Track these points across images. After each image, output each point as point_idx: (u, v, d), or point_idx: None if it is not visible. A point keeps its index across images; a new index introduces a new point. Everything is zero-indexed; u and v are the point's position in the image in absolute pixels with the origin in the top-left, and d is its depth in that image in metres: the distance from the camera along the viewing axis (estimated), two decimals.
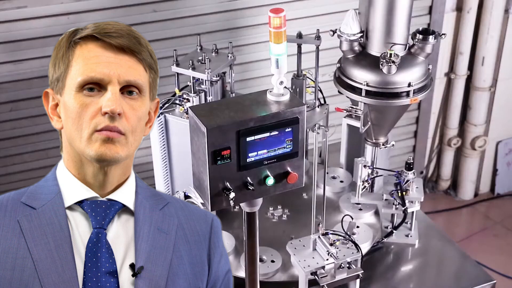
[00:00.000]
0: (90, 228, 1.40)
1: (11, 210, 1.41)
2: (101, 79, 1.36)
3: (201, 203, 2.36)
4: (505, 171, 4.66)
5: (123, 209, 1.45)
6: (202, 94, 2.42)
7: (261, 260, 2.31)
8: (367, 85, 2.31)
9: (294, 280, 2.25)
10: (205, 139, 1.61)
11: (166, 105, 2.44)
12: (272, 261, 2.33)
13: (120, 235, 1.43)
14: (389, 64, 2.24)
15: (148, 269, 1.40)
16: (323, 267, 2.17)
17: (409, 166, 2.44)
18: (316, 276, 2.17)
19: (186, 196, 2.40)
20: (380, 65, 2.26)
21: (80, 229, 1.40)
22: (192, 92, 2.41)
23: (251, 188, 1.70)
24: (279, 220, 2.58)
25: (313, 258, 2.19)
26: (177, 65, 2.40)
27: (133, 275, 1.38)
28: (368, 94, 2.33)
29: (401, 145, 4.33)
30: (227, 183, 1.68)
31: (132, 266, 1.39)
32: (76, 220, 1.41)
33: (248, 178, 1.70)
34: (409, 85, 2.30)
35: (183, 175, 2.46)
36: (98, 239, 1.38)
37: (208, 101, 2.41)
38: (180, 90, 2.45)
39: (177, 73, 2.42)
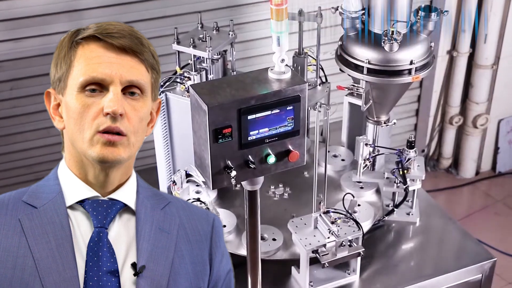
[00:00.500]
0: (91, 227, 1.40)
1: (12, 208, 1.41)
2: (102, 79, 1.36)
3: (203, 181, 2.36)
4: (507, 149, 4.66)
5: (124, 208, 1.45)
6: (203, 72, 2.41)
7: (263, 238, 2.32)
8: (369, 63, 2.30)
9: (295, 258, 2.26)
10: (206, 117, 1.60)
11: (167, 83, 2.43)
12: (274, 239, 2.33)
13: (122, 234, 1.43)
14: (391, 42, 2.23)
15: (150, 268, 1.40)
16: (324, 245, 2.17)
17: (410, 144, 2.44)
18: (317, 254, 2.17)
19: (188, 175, 2.41)
20: (382, 43, 2.25)
21: (82, 228, 1.40)
22: (193, 70, 2.40)
23: (252, 166, 1.70)
24: (280, 199, 2.58)
25: (314, 236, 2.20)
26: (178, 43, 2.39)
27: (134, 274, 1.38)
28: (370, 72, 2.32)
29: (403, 123, 4.32)
30: (229, 162, 1.68)
31: (133, 265, 1.39)
32: (77, 219, 1.41)
33: (249, 156, 1.70)
34: (411, 62, 2.29)
35: (185, 153, 2.46)
36: (100, 238, 1.38)
37: (209, 79, 2.40)
38: (181, 68, 2.44)
39: (178, 51, 2.41)
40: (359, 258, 2.25)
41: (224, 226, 2.37)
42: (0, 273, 1.33)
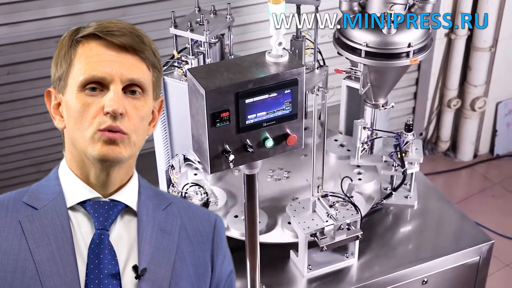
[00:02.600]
0: (93, 229, 1.39)
1: (12, 210, 1.40)
2: (103, 78, 1.35)
3: (201, 165, 2.36)
4: (505, 132, 4.66)
5: (126, 209, 1.45)
6: (201, 56, 2.40)
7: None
8: (367, 46, 2.29)
9: (293, 241, 2.27)
10: (204, 102, 1.60)
11: (165, 67, 2.42)
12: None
13: (123, 236, 1.42)
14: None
15: (151, 271, 1.39)
16: (322, 229, 2.18)
17: (408, 128, 2.43)
18: (315, 238, 2.18)
19: (186, 159, 2.41)
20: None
21: (82, 230, 1.40)
22: (191, 54, 2.39)
23: (250, 150, 1.70)
24: (278, 182, 2.58)
25: (313, 219, 2.20)
26: (175, 27, 2.38)
27: (136, 277, 1.37)
28: (368, 55, 2.31)
29: (401, 106, 4.32)
30: (226, 146, 1.68)
31: (135, 267, 1.38)
32: (78, 221, 1.40)
33: (247, 140, 1.70)
34: (409, 45, 2.28)
35: (183, 138, 2.45)
36: (101, 240, 1.37)
37: (207, 63, 2.39)
38: (178, 52, 2.43)
39: (175, 35, 2.40)
40: (357, 242, 2.26)
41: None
42: (0, 276, 1.33)
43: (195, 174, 2.41)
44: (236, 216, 2.35)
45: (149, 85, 1.42)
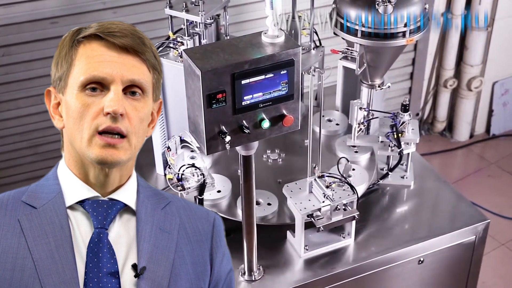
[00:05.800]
0: (91, 228, 1.40)
1: (11, 209, 1.40)
2: (103, 78, 1.35)
3: (197, 147, 2.36)
4: (501, 112, 4.66)
5: (125, 208, 1.45)
6: (196, 37, 2.39)
7: (258, 203, 2.33)
8: (363, 26, 2.28)
9: (290, 222, 2.27)
10: (200, 83, 1.60)
11: (160, 48, 2.41)
12: (269, 204, 2.34)
13: (122, 235, 1.42)
14: (385, 4, 2.21)
15: (151, 269, 1.40)
16: (319, 209, 2.18)
17: (405, 108, 2.43)
18: (312, 218, 2.18)
19: (182, 140, 2.40)
20: (376, 5, 2.23)
21: (81, 228, 1.40)
22: (186, 35, 2.38)
23: (246, 131, 1.70)
24: (275, 163, 2.59)
25: (309, 200, 2.21)
26: (171, 7, 2.37)
27: (135, 276, 1.38)
28: (364, 35, 2.30)
29: (397, 87, 4.31)
30: (223, 127, 1.68)
31: (134, 266, 1.39)
32: (77, 220, 1.41)
33: (244, 121, 1.70)
34: (406, 25, 2.27)
35: (179, 119, 2.45)
36: (100, 239, 1.38)
37: (202, 44, 2.38)
38: (174, 33, 2.42)
39: (171, 16, 2.39)
40: (354, 222, 2.27)
41: (219, 191, 2.37)
42: None
43: (192, 156, 2.41)
44: None
45: (149, 87, 1.42)
